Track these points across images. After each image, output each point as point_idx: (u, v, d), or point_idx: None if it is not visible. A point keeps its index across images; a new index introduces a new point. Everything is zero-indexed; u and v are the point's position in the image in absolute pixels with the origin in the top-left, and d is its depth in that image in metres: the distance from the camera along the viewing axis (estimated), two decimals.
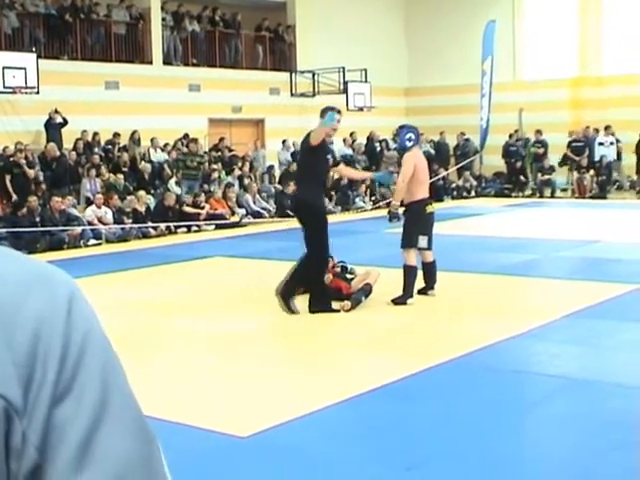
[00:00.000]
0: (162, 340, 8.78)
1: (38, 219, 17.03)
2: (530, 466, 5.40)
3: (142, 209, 19.18)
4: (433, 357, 7.76)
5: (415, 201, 10.37)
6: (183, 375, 7.44)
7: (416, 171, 10.35)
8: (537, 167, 27.32)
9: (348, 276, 10.79)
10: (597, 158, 26.31)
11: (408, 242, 10.36)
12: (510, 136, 28.05)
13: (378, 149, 27.26)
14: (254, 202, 22.10)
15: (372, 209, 23.34)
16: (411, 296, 10.25)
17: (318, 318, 9.67)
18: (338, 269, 10.86)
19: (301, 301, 9.87)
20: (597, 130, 26.96)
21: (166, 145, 22.85)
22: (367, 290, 10.33)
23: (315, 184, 9.88)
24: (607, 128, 26.48)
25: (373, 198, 24.67)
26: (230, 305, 10.56)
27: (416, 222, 10.31)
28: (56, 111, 20.49)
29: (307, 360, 7.94)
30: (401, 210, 10.57)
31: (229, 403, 6.67)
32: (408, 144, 10.66)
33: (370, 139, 27.52)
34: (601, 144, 26.54)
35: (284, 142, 25.98)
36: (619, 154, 26.64)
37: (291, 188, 22.60)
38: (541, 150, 27.31)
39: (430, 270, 10.63)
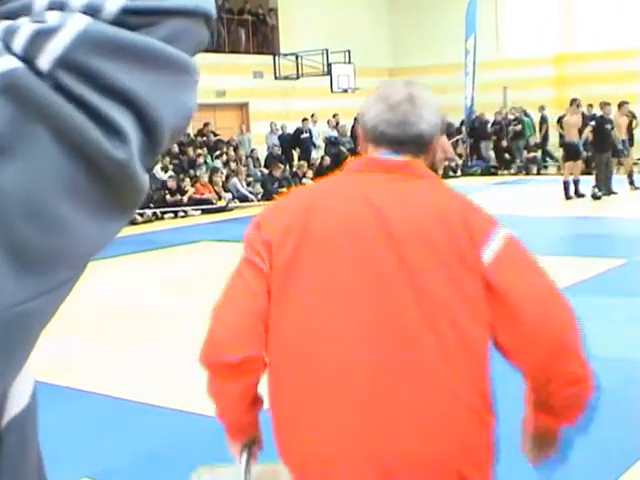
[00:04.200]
0: (149, 327, 8.76)
1: None
2: (519, 440, 5.39)
3: None
4: None
5: None
6: (169, 360, 7.42)
7: None
8: (517, 145, 27.32)
9: None
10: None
11: None
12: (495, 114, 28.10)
13: None
14: (242, 186, 22.06)
15: None
16: None
17: None
18: None
19: None
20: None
21: None
22: None
23: None
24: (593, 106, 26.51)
25: None
26: (219, 288, 10.52)
27: None
28: None
29: None
30: None
31: None
32: None
33: (356, 120, 27.42)
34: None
35: (271, 125, 25.93)
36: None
37: (279, 170, 22.60)
38: (518, 127, 27.30)
39: None
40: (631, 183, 20.31)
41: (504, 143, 27.46)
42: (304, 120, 25.83)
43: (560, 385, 2.23)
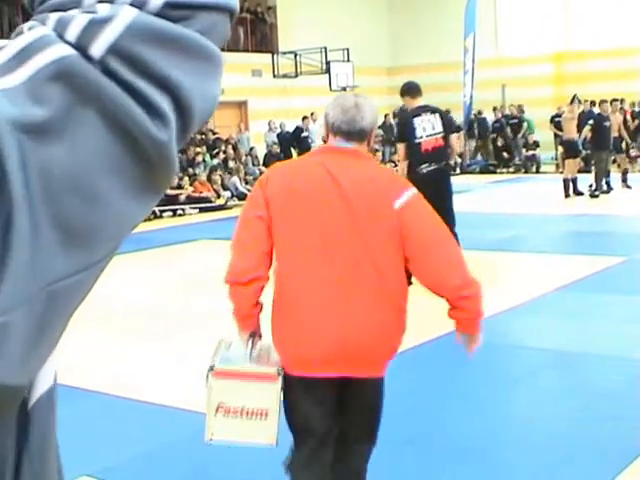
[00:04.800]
0: (148, 325, 8.75)
1: None
2: (521, 438, 5.41)
3: None
4: (423, 334, 7.74)
5: None
6: (168, 359, 7.42)
7: None
8: (516, 143, 27.34)
9: None
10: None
11: None
12: (495, 112, 28.08)
13: None
14: (241, 184, 22.05)
15: None
16: None
17: None
18: None
19: None
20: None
21: None
22: None
23: None
24: (596, 103, 26.49)
25: None
26: (218, 286, 10.52)
27: None
28: None
29: None
30: None
31: None
32: None
33: None
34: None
35: (270, 123, 25.89)
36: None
37: None
38: (518, 125, 27.38)
39: None
40: (624, 181, 20.27)
41: (503, 141, 27.45)
42: (304, 118, 25.80)
43: (456, 298, 3.51)
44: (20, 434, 0.81)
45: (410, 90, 9.87)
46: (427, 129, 9.73)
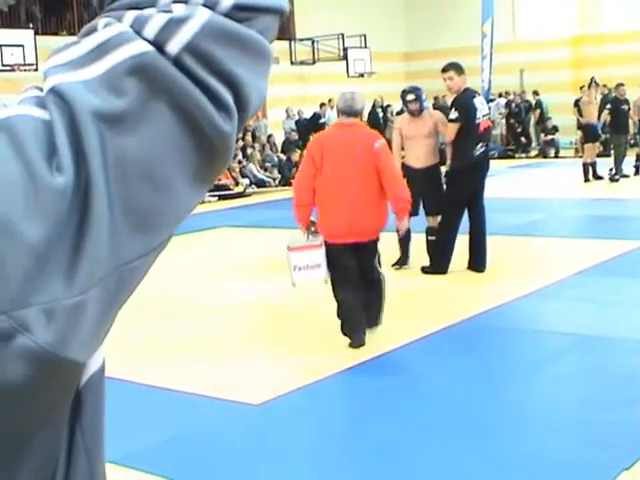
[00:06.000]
0: (174, 310, 8.78)
1: None
2: (542, 421, 5.41)
3: None
4: (446, 319, 7.76)
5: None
6: (192, 346, 7.45)
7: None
8: (534, 128, 27.28)
9: None
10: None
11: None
12: (513, 98, 27.95)
13: (381, 114, 27.02)
14: (258, 170, 22.05)
15: None
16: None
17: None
18: None
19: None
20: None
21: None
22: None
23: None
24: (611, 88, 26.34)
25: None
26: (241, 274, 10.56)
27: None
28: None
29: (321, 326, 7.93)
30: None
31: (240, 372, 6.68)
32: (426, 105, 10.63)
33: (373, 105, 27.28)
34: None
35: (288, 110, 25.88)
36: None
37: (297, 155, 22.57)
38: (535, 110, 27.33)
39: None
40: (636, 167, 19.98)
41: (520, 126, 27.35)
42: (322, 105, 25.75)
43: (397, 201, 7.16)
44: (73, 411, 0.87)
45: (463, 70, 9.97)
46: (482, 110, 9.80)
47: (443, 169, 10.14)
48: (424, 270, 9.94)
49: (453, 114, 9.76)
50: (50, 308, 0.72)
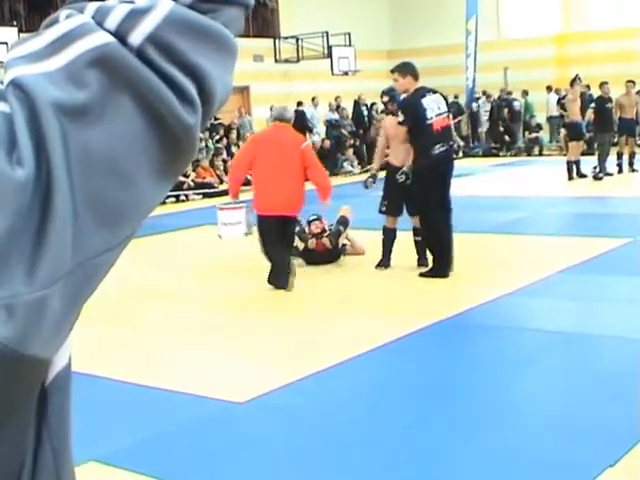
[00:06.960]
0: (157, 308, 8.75)
1: None
2: (529, 419, 5.41)
3: None
4: (429, 316, 7.75)
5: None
6: (176, 343, 7.42)
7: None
8: (517, 126, 27.34)
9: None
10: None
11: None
12: (499, 96, 28.01)
13: (365, 112, 27.00)
14: None
15: (360, 173, 23.24)
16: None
17: (316, 284, 9.65)
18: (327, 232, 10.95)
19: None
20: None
21: None
22: (343, 222, 10.93)
23: None
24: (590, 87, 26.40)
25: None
26: (222, 272, 10.53)
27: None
28: None
29: (304, 324, 7.92)
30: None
31: (224, 370, 6.66)
32: None
33: (357, 103, 27.27)
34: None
35: (271, 108, 25.79)
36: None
37: None
38: (517, 108, 27.38)
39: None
40: (630, 164, 20.06)
41: (504, 124, 27.41)
42: (299, 104, 25.57)
43: (322, 188, 9.51)
44: (39, 410, 0.84)
45: (414, 71, 9.76)
46: (434, 109, 9.64)
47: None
48: (422, 275, 9.65)
49: (400, 117, 9.68)
50: (10, 303, 0.70)
